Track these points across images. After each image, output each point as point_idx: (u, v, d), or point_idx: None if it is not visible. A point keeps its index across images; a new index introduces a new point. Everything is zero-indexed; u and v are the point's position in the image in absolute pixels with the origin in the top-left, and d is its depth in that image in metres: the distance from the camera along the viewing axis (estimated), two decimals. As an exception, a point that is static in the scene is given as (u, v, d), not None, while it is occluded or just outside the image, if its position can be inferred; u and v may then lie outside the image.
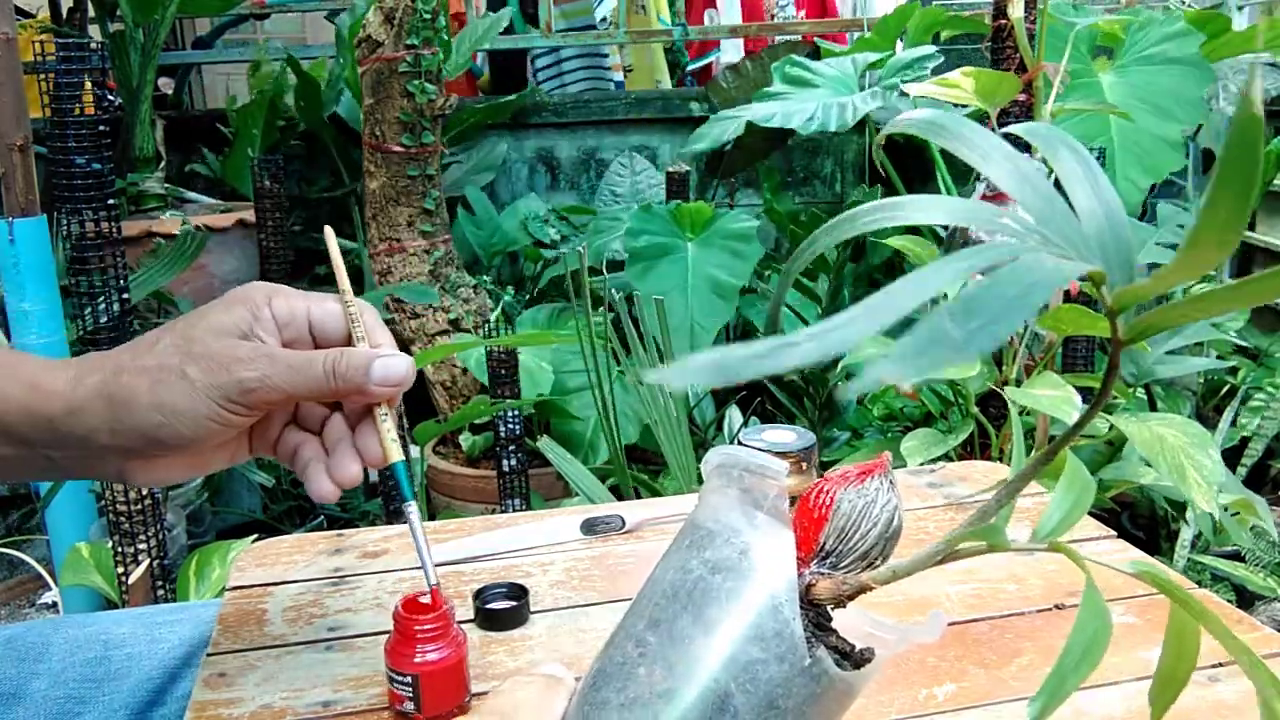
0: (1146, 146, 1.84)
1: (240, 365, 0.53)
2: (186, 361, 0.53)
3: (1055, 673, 0.32)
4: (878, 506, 0.38)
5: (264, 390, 0.53)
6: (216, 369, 0.52)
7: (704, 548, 0.38)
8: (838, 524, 0.38)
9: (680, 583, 0.38)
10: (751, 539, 0.38)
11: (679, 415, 1.72)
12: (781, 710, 0.36)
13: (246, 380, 0.52)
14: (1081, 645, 0.32)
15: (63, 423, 0.53)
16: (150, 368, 0.53)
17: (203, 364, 0.53)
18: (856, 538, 0.38)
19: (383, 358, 0.55)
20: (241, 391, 0.53)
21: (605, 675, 0.38)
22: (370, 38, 2.35)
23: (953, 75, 1.46)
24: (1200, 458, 1.28)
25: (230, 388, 0.52)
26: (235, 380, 0.52)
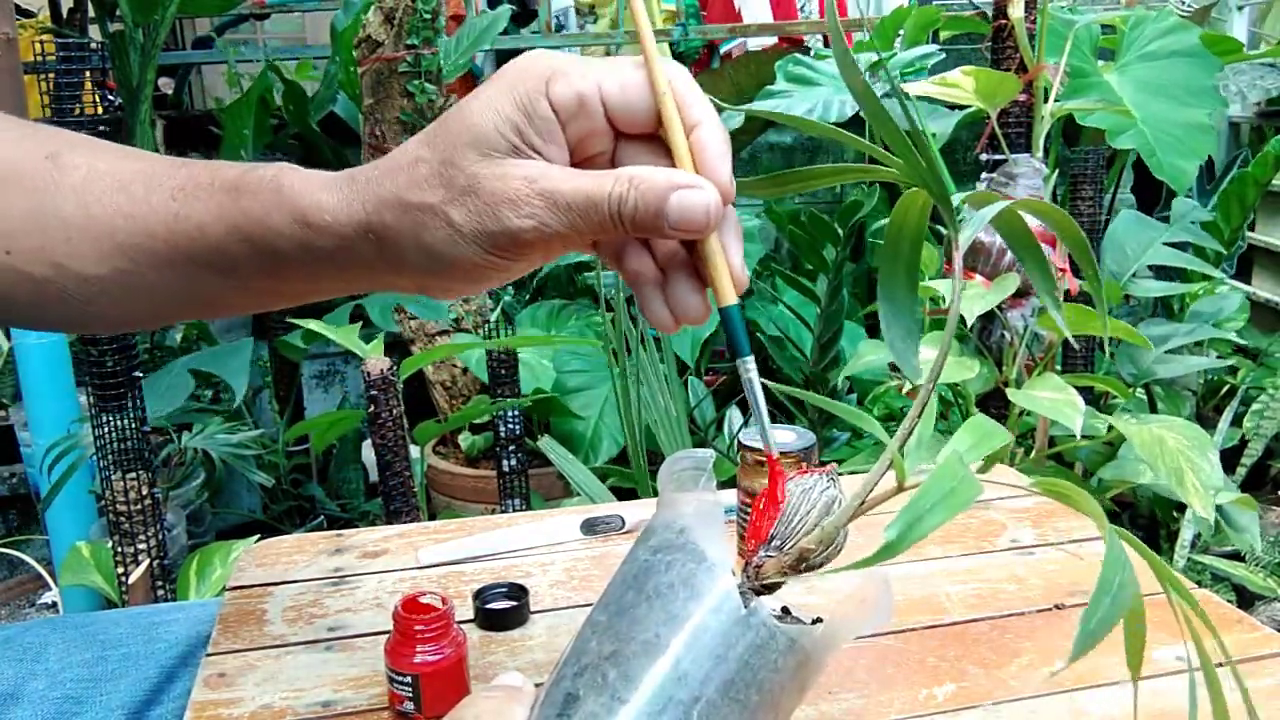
0: (1178, 134, 1.84)
1: (510, 209, 0.43)
2: (448, 199, 0.44)
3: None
4: (816, 492, 0.42)
5: (541, 240, 0.44)
6: (483, 213, 0.44)
7: (650, 538, 0.42)
8: (783, 513, 0.42)
9: (629, 570, 0.41)
10: (687, 520, 0.41)
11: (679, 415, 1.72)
12: (724, 659, 0.38)
13: (518, 230, 0.44)
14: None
15: (339, 257, 0.47)
16: (412, 206, 0.45)
17: (468, 205, 0.44)
18: (797, 520, 0.42)
19: (680, 190, 0.44)
20: (515, 242, 0.44)
21: (564, 659, 0.41)
22: (370, 38, 2.35)
23: (952, 74, 1.46)
24: (1199, 461, 1.28)
25: (500, 238, 0.44)
26: (504, 230, 0.44)
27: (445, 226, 0.44)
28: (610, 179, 0.44)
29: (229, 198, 0.48)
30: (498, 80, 0.45)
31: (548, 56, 0.45)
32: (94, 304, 0.51)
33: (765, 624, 0.38)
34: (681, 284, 0.47)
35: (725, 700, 0.37)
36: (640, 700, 0.37)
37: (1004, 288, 1.38)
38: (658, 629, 0.38)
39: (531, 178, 0.44)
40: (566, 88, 0.44)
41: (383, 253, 0.46)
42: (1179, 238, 2.09)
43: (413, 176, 0.45)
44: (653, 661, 0.38)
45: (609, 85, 0.45)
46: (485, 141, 0.44)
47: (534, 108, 0.44)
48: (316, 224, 0.46)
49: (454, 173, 0.44)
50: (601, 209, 0.44)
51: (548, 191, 0.43)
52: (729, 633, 0.38)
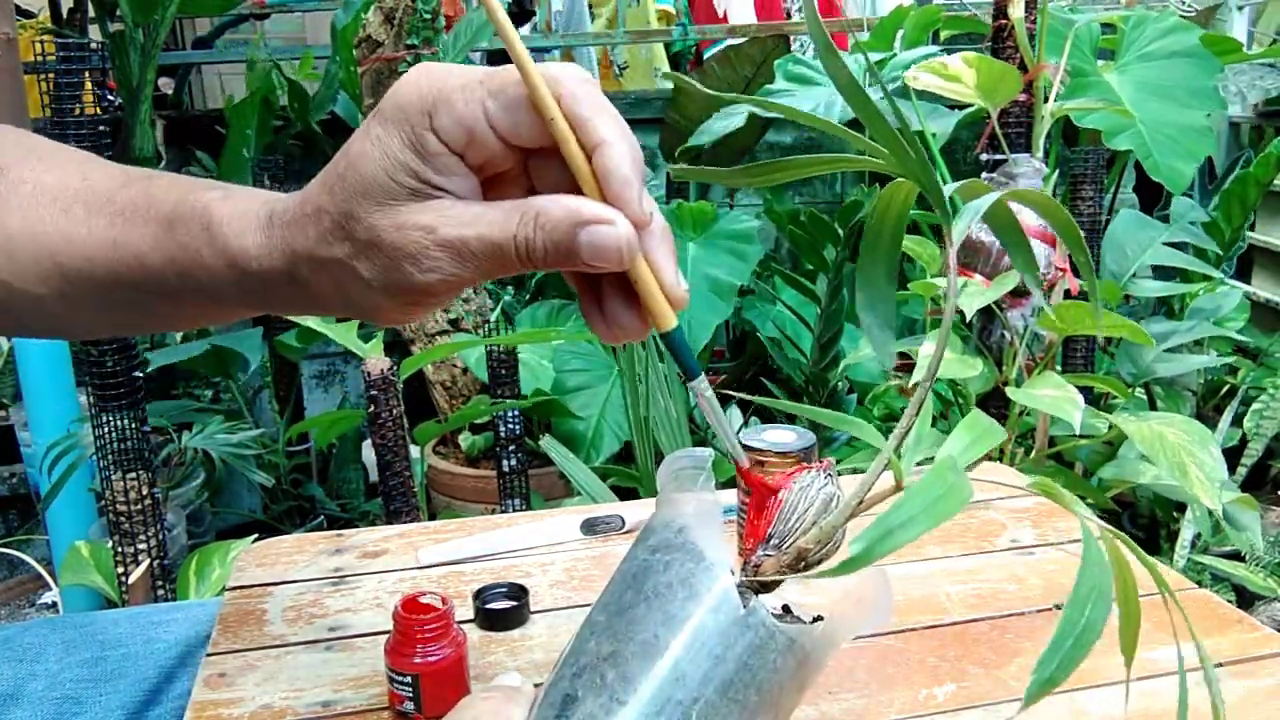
0: (1176, 135, 1.84)
1: (412, 265, 0.42)
2: (354, 255, 0.42)
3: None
4: (814, 489, 0.42)
5: (448, 289, 0.43)
6: (388, 268, 0.42)
7: (648, 538, 0.42)
8: (781, 512, 0.42)
9: (628, 570, 0.41)
10: (686, 519, 0.41)
11: (679, 415, 1.72)
12: (723, 659, 0.38)
13: (425, 284, 0.42)
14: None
15: (270, 295, 0.47)
16: (323, 261, 0.43)
17: (373, 259, 0.42)
18: (795, 519, 0.42)
19: (589, 227, 0.40)
20: (426, 294, 0.43)
21: (562, 660, 0.41)
22: (370, 38, 2.35)
23: (953, 63, 1.45)
24: (1201, 455, 1.28)
25: (410, 289, 0.42)
26: (412, 284, 0.42)
27: (356, 279, 0.43)
28: (516, 218, 0.41)
29: (163, 230, 0.47)
30: (381, 117, 0.42)
31: (429, 79, 0.41)
32: (39, 318, 0.52)
33: (764, 624, 0.38)
34: (615, 302, 0.44)
35: (724, 700, 0.37)
36: (639, 701, 0.37)
37: (1003, 286, 1.38)
38: (656, 629, 0.38)
39: (430, 227, 0.41)
40: (450, 121, 0.41)
41: (306, 296, 0.46)
42: (1179, 238, 2.09)
43: (319, 230, 0.43)
44: (651, 662, 0.37)
45: (495, 109, 0.41)
46: (381, 190, 0.41)
47: (423, 145, 0.41)
48: (243, 267, 0.46)
49: (354, 225, 0.42)
50: (508, 253, 0.41)
51: (449, 242, 0.41)
52: (727, 633, 0.38)
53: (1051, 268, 1.45)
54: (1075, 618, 0.31)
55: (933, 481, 0.34)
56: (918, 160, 0.38)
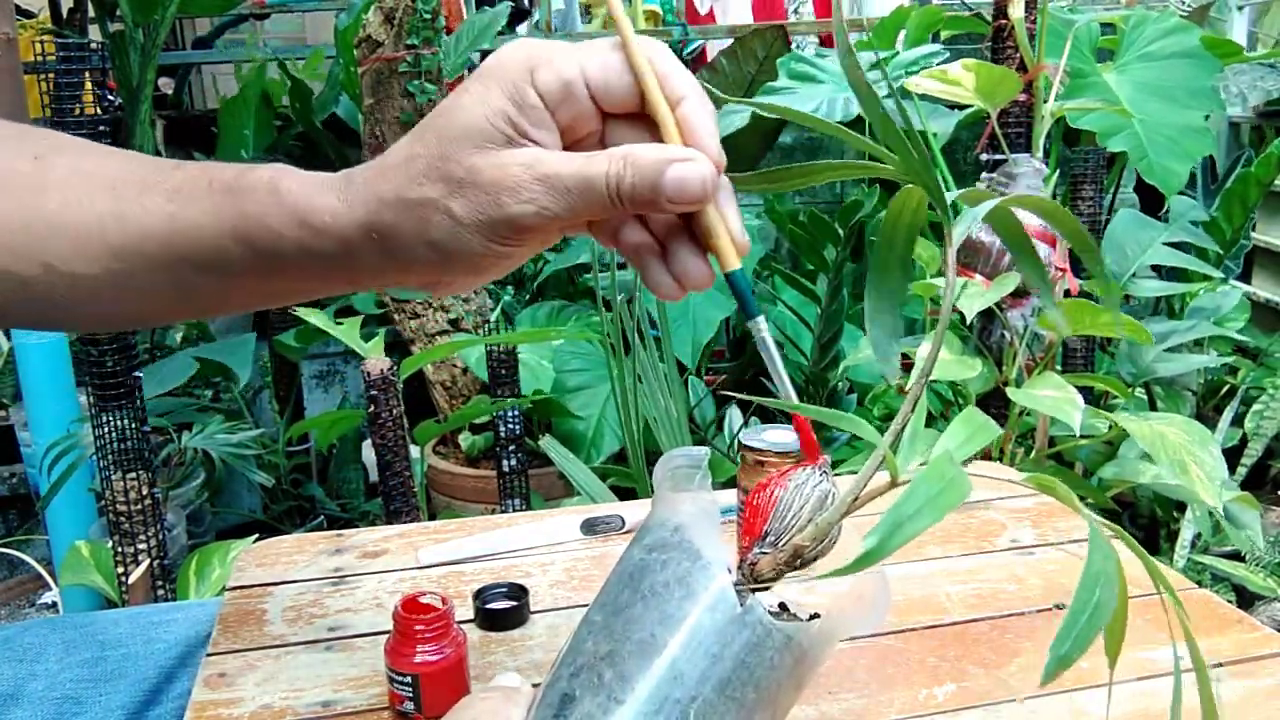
0: (1173, 135, 1.83)
1: (510, 196, 0.44)
2: (448, 194, 0.44)
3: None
4: (809, 487, 0.42)
5: (542, 225, 0.45)
6: (484, 202, 0.44)
7: (645, 537, 0.42)
8: (777, 509, 0.42)
9: (625, 570, 0.42)
10: (683, 518, 0.41)
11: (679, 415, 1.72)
12: (720, 658, 0.38)
13: (520, 216, 0.44)
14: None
15: (341, 259, 0.47)
16: (413, 203, 0.45)
17: (468, 195, 0.44)
18: (790, 516, 0.42)
19: (675, 164, 0.44)
20: (516, 229, 0.45)
21: (560, 659, 0.41)
22: (370, 38, 2.35)
23: (953, 68, 1.45)
24: (1202, 455, 1.28)
25: (501, 225, 0.45)
26: (506, 217, 0.44)
27: (447, 219, 0.45)
28: (605, 159, 0.44)
29: (226, 199, 0.48)
30: (483, 74, 0.45)
31: (529, 45, 0.46)
32: (86, 304, 0.51)
33: (761, 622, 0.38)
34: (683, 251, 0.47)
35: (722, 699, 0.37)
36: (636, 700, 0.37)
37: (1003, 287, 1.38)
38: (653, 628, 0.38)
39: (528, 164, 0.44)
40: (551, 75, 0.45)
41: (387, 251, 0.46)
42: (1178, 238, 2.09)
43: (410, 173, 0.45)
44: (649, 661, 0.37)
45: (592, 68, 0.45)
46: (479, 134, 0.44)
47: (523, 97, 0.44)
48: (318, 226, 0.46)
49: (451, 166, 0.44)
50: (600, 189, 0.44)
51: (546, 176, 0.44)
52: (725, 631, 0.38)
53: (1051, 268, 1.45)
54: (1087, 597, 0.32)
55: (934, 475, 0.34)
56: (920, 162, 0.38)
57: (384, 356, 1.48)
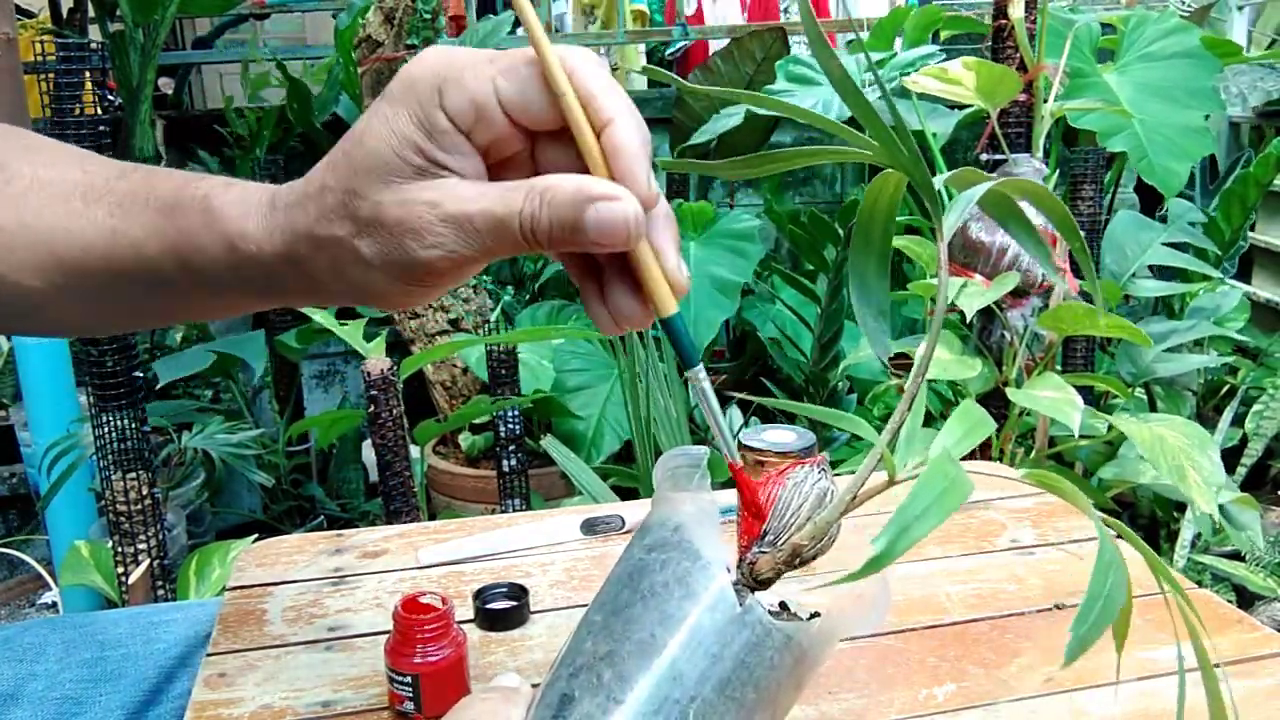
0: (1173, 135, 1.83)
1: (415, 240, 0.41)
2: (356, 234, 0.42)
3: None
4: (808, 485, 0.42)
5: (452, 267, 0.42)
6: (390, 245, 0.42)
7: (645, 536, 0.42)
8: (775, 508, 0.42)
9: (625, 569, 0.41)
10: (682, 517, 0.41)
11: (679, 415, 1.72)
12: (720, 658, 0.38)
13: (427, 260, 0.41)
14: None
15: (267, 281, 0.46)
16: (322, 240, 0.43)
17: (375, 236, 0.42)
18: (789, 515, 0.41)
19: (596, 203, 0.40)
20: (427, 271, 0.42)
21: (559, 660, 0.41)
22: (370, 38, 2.35)
23: (953, 66, 1.45)
24: (1200, 459, 1.28)
25: (411, 266, 0.42)
26: (412, 260, 0.42)
27: (357, 260, 0.42)
28: (521, 194, 0.41)
29: (163, 217, 0.47)
30: (391, 95, 0.42)
31: (439, 60, 0.42)
32: (32, 314, 0.51)
33: (761, 621, 0.38)
34: (617, 288, 0.43)
35: (721, 699, 0.37)
36: (636, 700, 0.37)
37: (1003, 286, 1.38)
38: (653, 628, 0.38)
39: (435, 203, 0.41)
40: (461, 96, 0.41)
41: (305, 280, 0.45)
42: (1178, 238, 2.09)
43: (321, 208, 0.43)
44: (648, 661, 0.37)
45: (506, 88, 0.41)
46: (387, 168, 0.41)
47: (432, 122, 0.41)
48: (242, 251, 0.45)
49: (358, 203, 0.42)
50: (512, 230, 0.41)
51: (453, 217, 0.41)
52: (724, 631, 0.38)
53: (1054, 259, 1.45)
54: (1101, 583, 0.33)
55: (935, 475, 0.34)
56: (909, 154, 0.38)
57: (384, 356, 1.48)
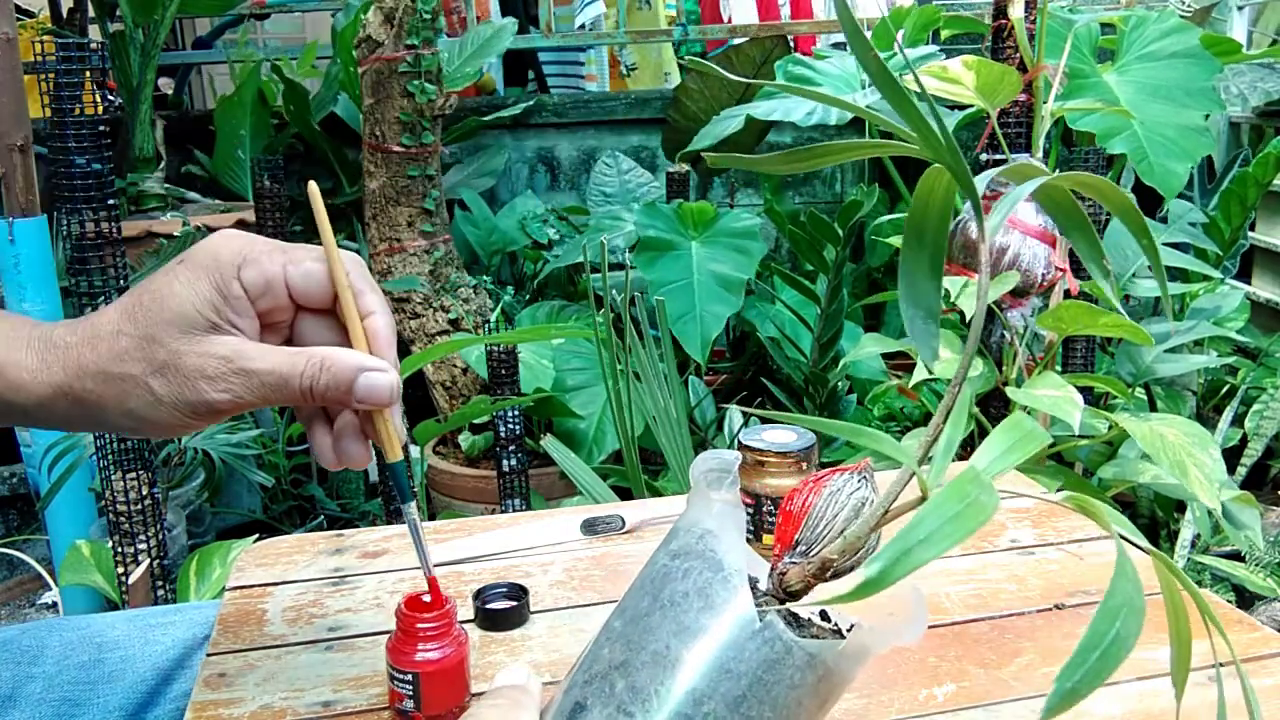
0: (1173, 135, 1.83)
1: (208, 384, 0.50)
2: (150, 373, 0.50)
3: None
4: (844, 494, 0.40)
5: (235, 409, 0.51)
6: (183, 385, 0.50)
7: (671, 542, 0.41)
8: (809, 518, 0.40)
9: (649, 575, 0.41)
10: (710, 524, 0.40)
11: (679, 415, 1.72)
12: (735, 674, 0.37)
13: (215, 402, 0.50)
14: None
15: (37, 414, 0.52)
16: (114, 376, 0.50)
17: (169, 377, 0.50)
18: (823, 525, 0.40)
19: (367, 372, 0.51)
20: (210, 411, 0.50)
21: (577, 664, 0.40)
22: (370, 38, 2.35)
23: (952, 65, 1.45)
24: (1201, 456, 1.28)
25: (199, 406, 0.50)
26: (202, 400, 0.50)
27: (147, 394, 0.50)
28: (303, 359, 0.50)
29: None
30: (195, 263, 0.50)
31: (237, 241, 0.51)
32: None
33: (780, 638, 0.37)
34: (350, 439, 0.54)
35: (735, 716, 0.36)
36: (645, 713, 0.36)
37: (1003, 285, 1.38)
38: (669, 640, 0.37)
39: (228, 357, 0.50)
40: (257, 273, 0.50)
41: (83, 411, 0.51)
42: (1178, 238, 2.09)
43: (114, 349, 0.50)
44: (661, 673, 0.37)
45: (293, 273, 0.51)
46: (186, 320, 0.49)
47: (228, 289, 0.50)
48: (15, 382, 0.51)
49: (155, 349, 0.49)
50: (293, 386, 0.50)
51: (244, 370, 0.50)
52: (742, 647, 0.37)
53: (1051, 268, 1.45)
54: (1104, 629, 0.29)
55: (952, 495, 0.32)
56: (948, 147, 0.36)
57: (384, 356, 1.48)
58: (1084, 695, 0.28)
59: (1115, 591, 0.30)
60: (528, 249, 2.82)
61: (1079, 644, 0.28)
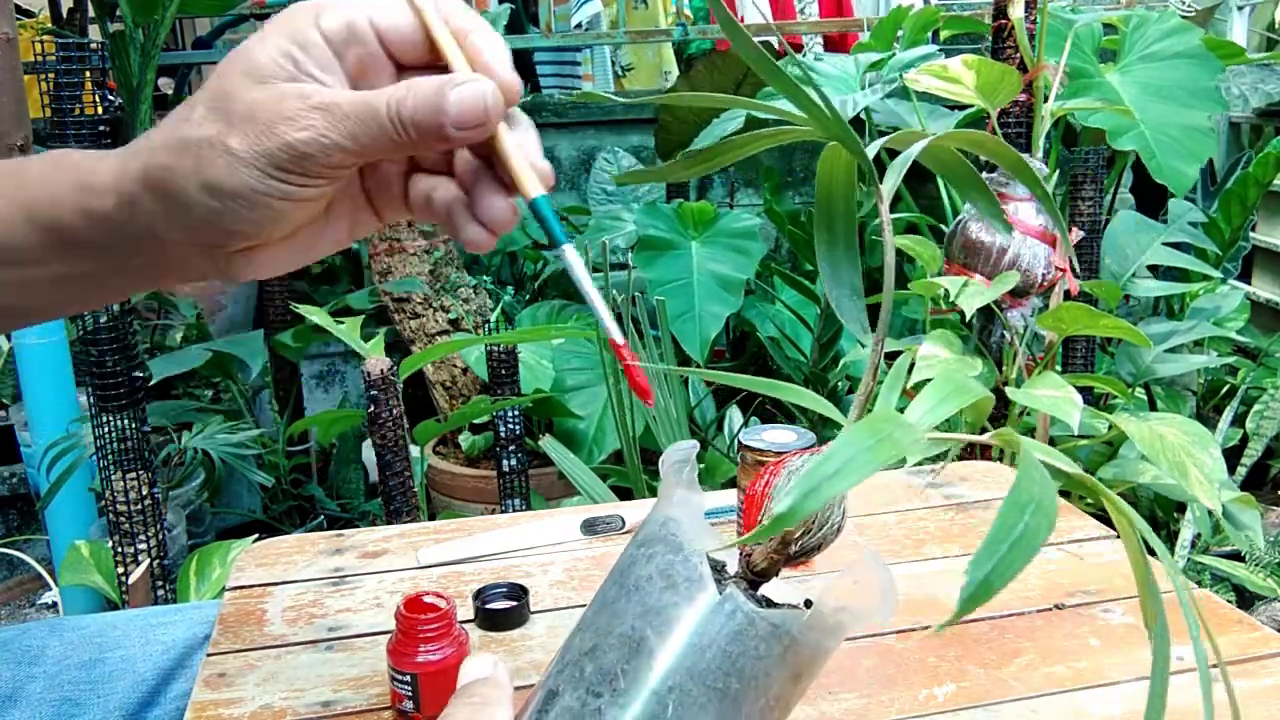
0: (1178, 135, 1.83)
1: (287, 125, 0.42)
2: (226, 130, 0.43)
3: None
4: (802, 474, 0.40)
5: (323, 154, 0.43)
6: (261, 133, 0.43)
7: (639, 533, 0.42)
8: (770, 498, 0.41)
9: (617, 566, 0.41)
10: (670, 512, 0.41)
11: (679, 415, 1.72)
12: (699, 648, 0.38)
13: (297, 143, 0.42)
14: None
15: (120, 220, 0.46)
16: (190, 142, 0.43)
17: (245, 130, 0.43)
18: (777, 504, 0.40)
19: (457, 86, 0.43)
20: (294, 158, 0.43)
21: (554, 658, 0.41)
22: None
23: (953, 64, 1.45)
24: (1201, 456, 1.28)
25: (280, 155, 0.43)
26: (284, 144, 0.42)
27: (224, 154, 0.43)
28: (388, 88, 0.44)
29: (12, 180, 0.47)
30: (272, 20, 0.45)
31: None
32: None
33: (741, 609, 0.38)
34: (486, 192, 0.46)
35: (702, 688, 0.37)
36: (614, 692, 0.37)
37: (1003, 286, 1.38)
38: (633, 622, 0.38)
39: (307, 94, 0.43)
40: (336, 18, 0.44)
41: (163, 201, 0.45)
42: (1178, 238, 2.09)
43: (189, 116, 0.44)
44: (628, 654, 0.38)
45: (379, 15, 0.45)
46: (261, 70, 0.43)
47: (306, 37, 0.44)
48: (95, 184, 0.46)
49: (230, 104, 0.43)
50: (380, 114, 0.43)
51: (324, 104, 0.43)
52: (706, 622, 0.38)
53: (1051, 268, 1.45)
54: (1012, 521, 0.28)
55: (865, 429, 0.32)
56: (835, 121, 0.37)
57: (384, 356, 1.48)
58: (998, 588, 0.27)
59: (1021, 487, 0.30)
60: (528, 249, 2.82)
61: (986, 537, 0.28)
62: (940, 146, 0.39)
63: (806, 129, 0.39)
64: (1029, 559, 0.28)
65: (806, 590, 0.42)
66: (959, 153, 0.40)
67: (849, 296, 0.42)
